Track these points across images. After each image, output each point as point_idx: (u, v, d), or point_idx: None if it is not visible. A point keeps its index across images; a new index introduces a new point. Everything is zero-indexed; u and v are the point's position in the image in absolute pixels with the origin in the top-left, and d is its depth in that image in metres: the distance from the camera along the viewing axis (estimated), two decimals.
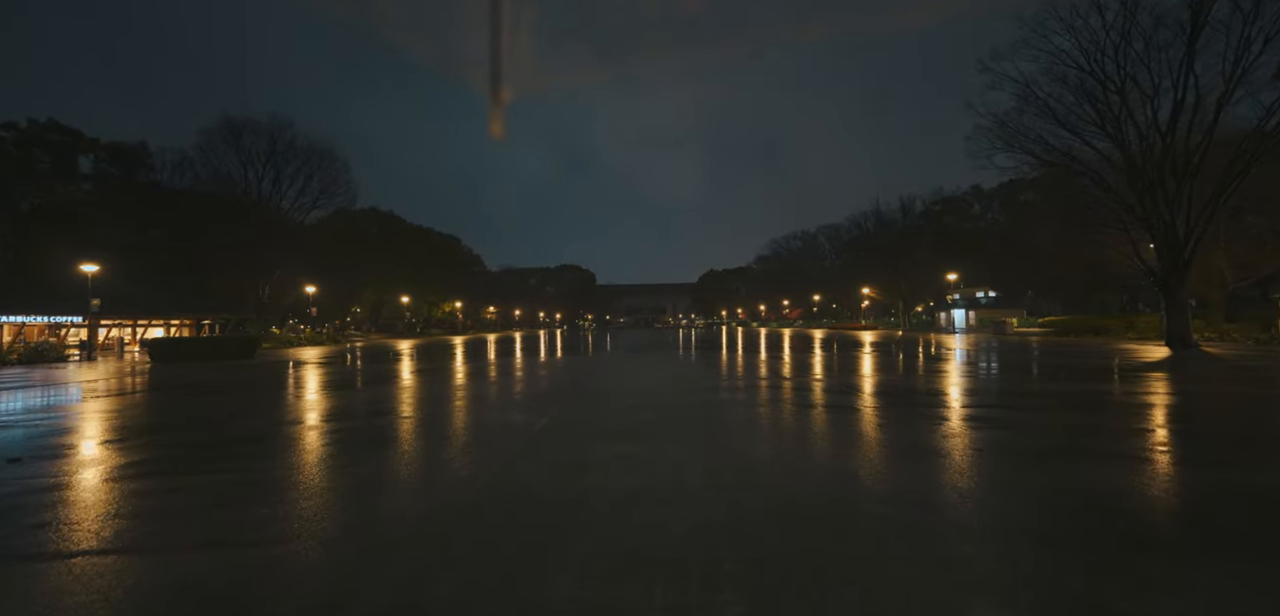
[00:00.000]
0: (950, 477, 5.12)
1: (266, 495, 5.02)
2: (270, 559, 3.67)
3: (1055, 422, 7.79)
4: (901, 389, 11.52)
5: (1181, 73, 21.06)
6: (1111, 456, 5.85)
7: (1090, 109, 22.67)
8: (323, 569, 3.51)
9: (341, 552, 3.75)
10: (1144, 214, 22.28)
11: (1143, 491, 4.71)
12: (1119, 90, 21.70)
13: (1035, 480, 5.04)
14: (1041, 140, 23.30)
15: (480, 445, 6.84)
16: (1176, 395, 10.29)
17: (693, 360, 21.08)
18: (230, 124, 39.96)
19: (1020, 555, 3.52)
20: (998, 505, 4.44)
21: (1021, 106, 23.06)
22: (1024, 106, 23.03)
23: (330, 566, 3.54)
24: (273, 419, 9.17)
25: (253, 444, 7.25)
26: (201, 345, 26.20)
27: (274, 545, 3.88)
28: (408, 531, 4.11)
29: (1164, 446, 6.31)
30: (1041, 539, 3.76)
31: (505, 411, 9.49)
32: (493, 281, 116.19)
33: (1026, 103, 22.83)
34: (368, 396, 11.77)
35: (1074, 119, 22.59)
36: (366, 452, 6.56)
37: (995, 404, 9.48)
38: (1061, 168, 24.27)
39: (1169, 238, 21.93)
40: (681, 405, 9.75)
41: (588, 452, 6.28)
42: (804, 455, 6.10)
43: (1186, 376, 13.17)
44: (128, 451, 6.90)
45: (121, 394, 13.17)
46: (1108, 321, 32.68)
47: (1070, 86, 22.38)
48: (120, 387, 14.56)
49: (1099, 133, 22.83)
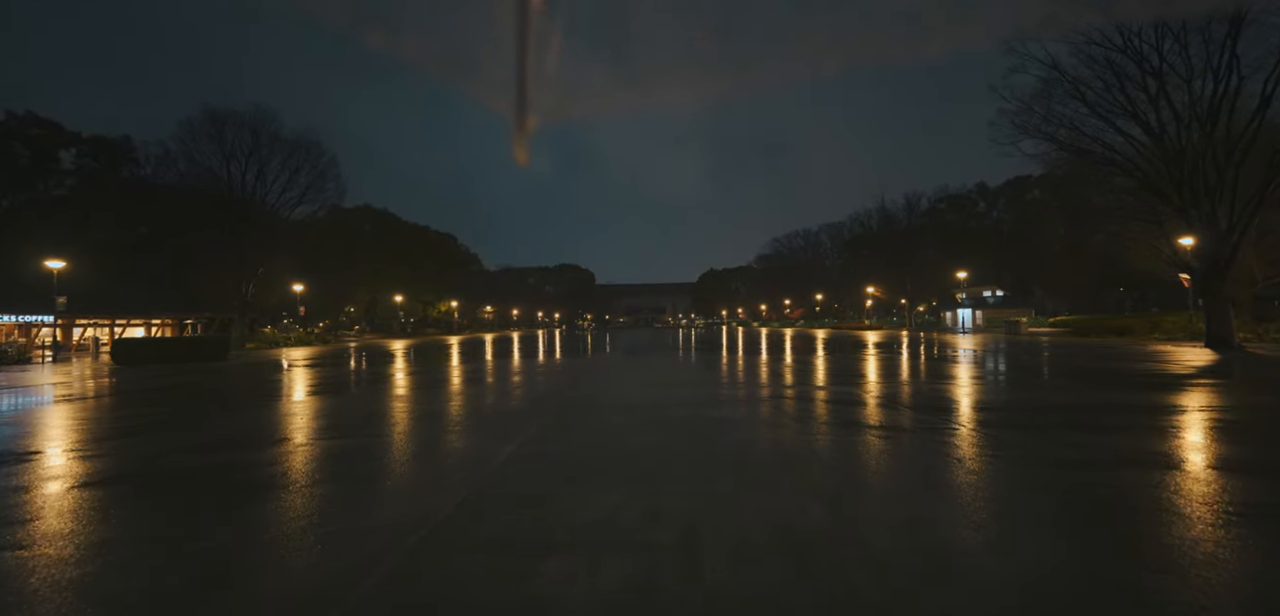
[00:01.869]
0: (1093, 557, 3.52)
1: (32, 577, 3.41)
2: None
3: (1167, 452, 6.18)
4: (944, 402, 9.93)
5: (1223, 53, 19.46)
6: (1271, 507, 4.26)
7: (1122, 95, 21.06)
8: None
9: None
10: (1181, 205, 20.65)
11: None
12: (1156, 72, 20.09)
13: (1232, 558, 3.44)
14: (1070, 124, 21.67)
15: (412, 494, 4.91)
16: (1268, 409, 8.72)
17: (696, 364, 19.49)
18: (212, 115, 38.29)
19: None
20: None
21: (1048, 89, 21.45)
22: (1051, 89, 21.42)
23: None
24: (162, 446, 7.51)
25: (113, 485, 5.64)
26: (171, 346, 24.58)
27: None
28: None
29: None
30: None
31: (466, 433, 7.77)
32: (490, 280, 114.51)
33: (1054, 86, 21.22)
34: (307, 409, 10.15)
35: (1105, 103, 20.97)
36: (226, 508, 4.69)
37: (1072, 423, 7.88)
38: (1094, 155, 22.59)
39: (1210, 231, 20.30)
40: (687, 426, 8.00)
41: (555, 514, 4.30)
42: (873, 518, 4.14)
43: (1254, 382, 11.59)
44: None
45: (41, 404, 11.57)
46: (1131, 321, 31.10)
47: (1100, 67, 20.76)
48: (42, 397, 12.97)
49: (1130, 119, 21.22)
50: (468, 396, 11.51)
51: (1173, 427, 7.16)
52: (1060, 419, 7.92)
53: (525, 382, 14.07)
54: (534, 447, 6.72)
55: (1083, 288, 65.30)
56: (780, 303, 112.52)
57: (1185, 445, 6.21)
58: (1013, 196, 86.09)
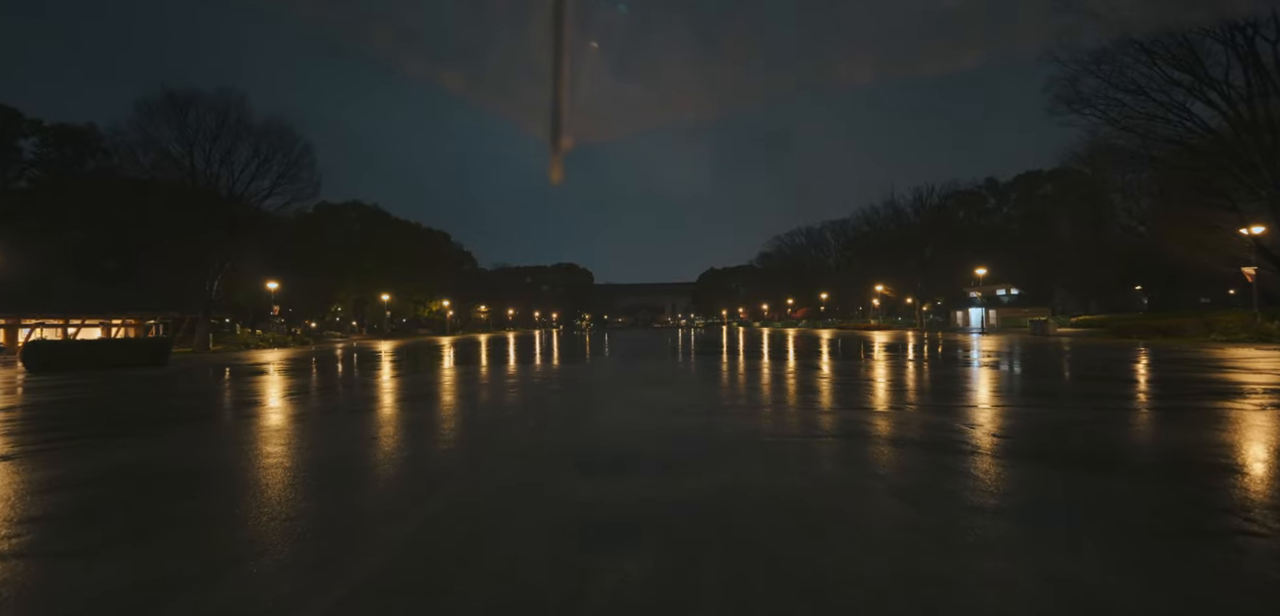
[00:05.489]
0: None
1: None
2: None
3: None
4: (1028, 426, 6.96)
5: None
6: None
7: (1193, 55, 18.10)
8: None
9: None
10: (1274, 178, 17.62)
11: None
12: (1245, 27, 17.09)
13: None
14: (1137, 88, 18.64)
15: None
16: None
17: (698, 372, 16.52)
18: (172, 98, 35.20)
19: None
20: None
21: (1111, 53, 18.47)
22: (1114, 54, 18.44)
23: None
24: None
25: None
26: (99, 349, 21.56)
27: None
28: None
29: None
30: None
31: (364, 486, 4.86)
32: (486, 280, 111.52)
33: (1121, 47, 18.23)
34: (176, 450, 7.21)
35: (1182, 55, 17.88)
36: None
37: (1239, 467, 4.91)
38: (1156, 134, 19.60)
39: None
40: (715, 524, 5.02)
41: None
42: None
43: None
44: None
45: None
46: (1182, 320, 28.10)
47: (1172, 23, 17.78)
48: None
49: (1207, 86, 18.25)
50: (405, 420, 8.53)
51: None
52: (1196, 456, 4.93)
53: (485, 400, 11.10)
54: (435, 536, 3.69)
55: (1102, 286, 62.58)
56: (782, 302, 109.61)
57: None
58: (1024, 192, 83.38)
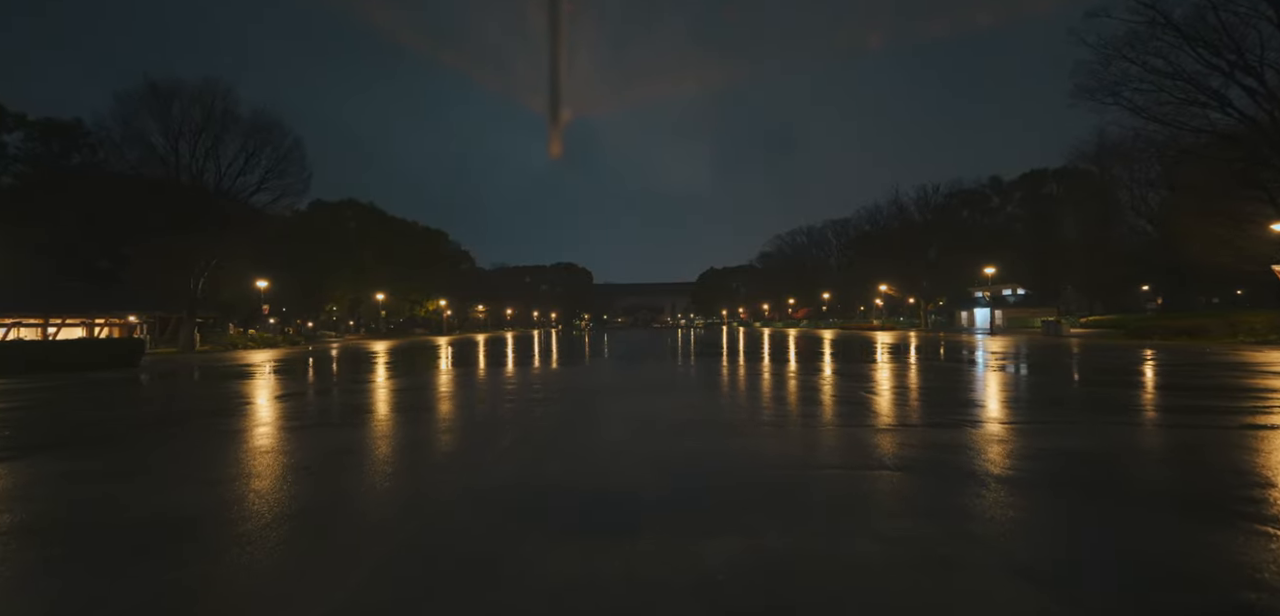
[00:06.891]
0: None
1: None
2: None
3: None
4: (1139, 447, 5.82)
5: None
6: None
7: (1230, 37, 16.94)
8: None
9: None
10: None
11: None
12: None
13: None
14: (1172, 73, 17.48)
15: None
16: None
17: (703, 378, 15.36)
18: (155, 89, 34.04)
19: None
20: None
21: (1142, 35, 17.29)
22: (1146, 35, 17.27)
23: None
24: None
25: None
26: (66, 351, 20.36)
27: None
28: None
29: None
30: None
31: (223, 555, 3.72)
32: (484, 279, 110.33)
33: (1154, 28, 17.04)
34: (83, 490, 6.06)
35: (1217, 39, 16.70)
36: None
37: None
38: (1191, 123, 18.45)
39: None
40: (721, 558, 3.75)
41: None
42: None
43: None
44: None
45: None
46: (1205, 320, 26.95)
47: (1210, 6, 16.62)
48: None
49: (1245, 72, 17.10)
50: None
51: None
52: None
53: (435, 425, 9.95)
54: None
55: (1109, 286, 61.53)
56: (783, 302, 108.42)
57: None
58: (1029, 191, 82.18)
